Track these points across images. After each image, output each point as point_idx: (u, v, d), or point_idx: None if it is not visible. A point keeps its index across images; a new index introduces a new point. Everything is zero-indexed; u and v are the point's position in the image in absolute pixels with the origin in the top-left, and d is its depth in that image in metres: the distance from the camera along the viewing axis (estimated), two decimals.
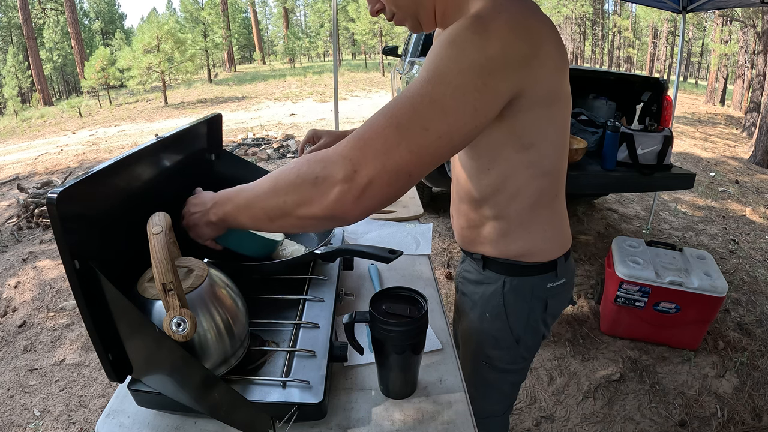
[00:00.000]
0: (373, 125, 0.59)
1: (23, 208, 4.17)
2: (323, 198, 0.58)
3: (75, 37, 20.77)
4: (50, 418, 1.92)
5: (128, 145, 7.55)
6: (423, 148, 0.58)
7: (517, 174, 0.80)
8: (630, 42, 34.96)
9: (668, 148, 2.59)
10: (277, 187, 0.62)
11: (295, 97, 12.82)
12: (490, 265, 0.93)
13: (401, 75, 4.78)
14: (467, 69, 0.59)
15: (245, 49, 46.28)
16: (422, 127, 0.58)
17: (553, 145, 0.79)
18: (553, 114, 0.74)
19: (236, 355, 0.69)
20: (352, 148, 0.58)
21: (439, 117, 0.58)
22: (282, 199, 0.61)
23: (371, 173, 0.56)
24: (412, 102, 0.59)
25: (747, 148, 7.33)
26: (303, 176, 0.59)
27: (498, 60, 0.61)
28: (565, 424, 1.87)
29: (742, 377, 2.16)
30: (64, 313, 2.69)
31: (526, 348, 0.98)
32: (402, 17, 0.78)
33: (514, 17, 0.63)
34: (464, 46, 0.60)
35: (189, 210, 0.75)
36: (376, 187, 0.57)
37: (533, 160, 0.78)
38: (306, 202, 0.59)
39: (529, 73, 0.65)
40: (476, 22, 0.61)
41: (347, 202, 0.57)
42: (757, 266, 3.32)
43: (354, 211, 0.58)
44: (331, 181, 0.57)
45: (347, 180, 0.56)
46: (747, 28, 11.83)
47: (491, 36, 0.60)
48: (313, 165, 0.59)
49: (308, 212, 0.59)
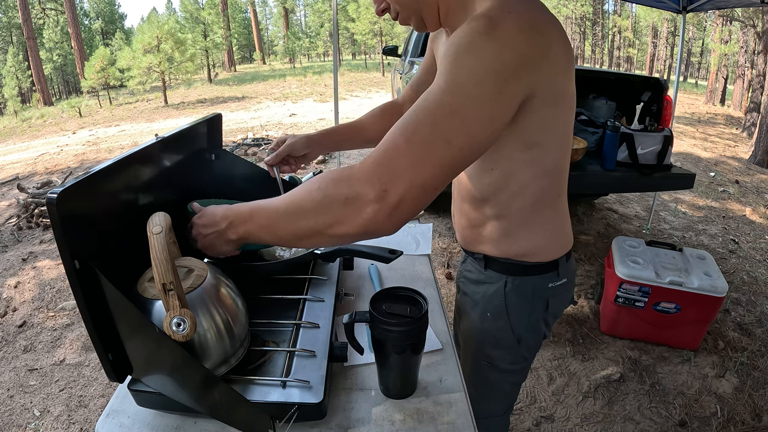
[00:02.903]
0: (396, 141, 0.59)
1: (23, 208, 4.17)
2: (356, 217, 0.59)
3: (75, 37, 20.77)
4: (50, 418, 1.92)
5: (128, 145, 7.55)
6: (447, 162, 0.59)
7: (520, 173, 0.80)
8: (630, 42, 34.97)
9: (668, 148, 2.59)
10: (304, 208, 0.62)
11: (295, 97, 12.81)
12: (492, 265, 0.93)
13: (401, 75, 4.78)
14: (483, 78, 0.60)
15: (245, 49, 46.28)
16: (445, 141, 0.59)
17: (557, 144, 0.79)
18: (558, 113, 0.74)
19: (236, 355, 0.69)
20: (378, 166, 0.58)
21: (460, 128, 0.59)
22: (312, 220, 0.61)
23: (401, 192, 0.58)
24: (433, 114, 0.59)
25: (747, 148, 7.33)
26: (331, 197, 0.60)
27: (512, 65, 0.61)
28: (565, 424, 1.87)
29: (742, 377, 2.16)
30: (64, 313, 2.69)
31: (527, 348, 0.98)
32: (406, 16, 0.78)
33: (523, 17, 0.62)
34: (479, 53, 0.60)
35: (200, 232, 0.73)
36: (407, 203, 0.58)
37: (537, 158, 0.78)
38: (338, 222, 0.60)
39: (540, 74, 0.65)
40: (488, 24, 0.61)
41: (380, 220, 0.59)
42: (757, 266, 3.32)
43: (387, 227, 0.60)
44: (362, 201, 0.58)
45: (378, 200, 0.57)
46: (747, 28, 11.83)
47: (503, 39, 0.60)
48: (340, 185, 0.60)
49: (341, 231, 0.61)
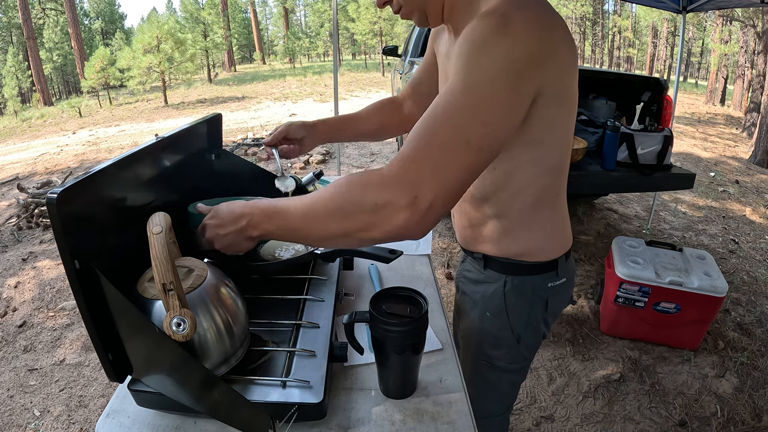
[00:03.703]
0: (419, 146, 0.60)
1: (23, 208, 4.17)
2: (386, 224, 0.59)
3: (75, 37, 20.76)
4: (50, 418, 1.92)
5: (128, 145, 7.55)
6: (468, 163, 0.60)
7: (521, 171, 0.80)
8: (630, 42, 34.97)
9: (668, 148, 2.59)
10: (333, 213, 0.62)
11: (295, 97, 12.81)
12: (491, 265, 0.93)
13: (401, 75, 4.78)
14: (498, 76, 0.60)
15: (245, 49, 46.27)
16: (465, 142, 0.59)
17: (559, 143, 0.79)
18: (562, 112, 0.75)
19: (236, 355, 0.69)
20: (406, 172, 0.59)
21: (479, 129, 0.60)
22: (341, 225, 0.62)
23: (430, 197, 0.58)
24: (451, 116, 0.60)
25: (747, 148, 7.33)
26: (360, 204, 0.60)
27: (523, 62, 0.61)
28: (565, 424, 1.87)
29: (742, 377, 2.16)
30: (64, 313, 2.69)
31: (526, 347, 0.98)
32: (409, 11, 0.78)
33: (533, 14, 0.63)
34: (493, 51, 0.60)
35: (217, 233, 0.72)
36: (436, 208, 0.59)
37: (538, 156, 0.78)
38: (367, 228, 0.60)
39: (547, 72, 0.66)
40: (500, 21, 0.61)
41: (411, 226, 0.59)
42: (757, 266, 3.32)
43: (417, 232, 0.61)
44: (393, 208, 0.59)
45: (410, 206, 0.58)
46: (747, 28, 11.83)
47: (516, 36, 0.61)
48: (370, 191, 0.60)
49: (370, 235, 0.61)
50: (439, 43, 0.95)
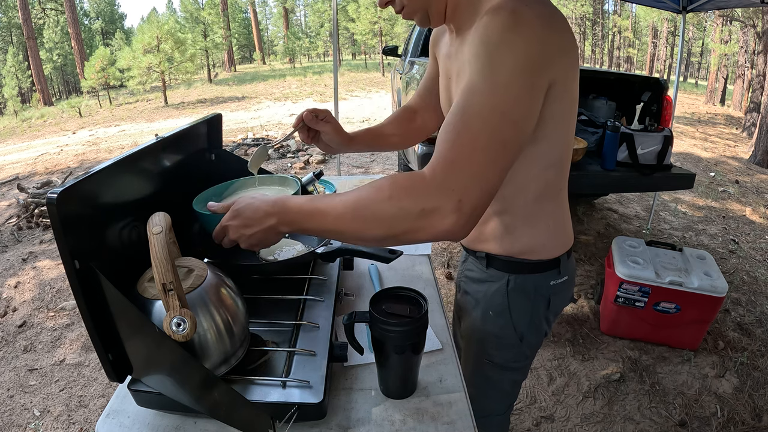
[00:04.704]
0: (461, 150, 0.60)
1: (23, 208, 4.17)
2: (433, 228, 0.60)
3: (75, 37, 20.76)
4: (50, 418, 1.92)
5: (128, 145, 7.55)
6: (506, 163, 0.62)
7: (525, 166, 0.80)
8: (630, 42, 34.97)
9: (668, 148, 2.59)
10: (377, 216, 0.62)
11: (295, 97, 12.82)
12: (494, 263, 0.93)
13: (401, 75, 4.78)
14: (521, 74, 0.62)
15: (245, 49, 46.26)
16: (501, 143, 0.61)
17: (562, 138, 0.79)
18: (566, 107, 0.75)
19: (236, 355, 0.69)
20: (450, 177, 0.60)
21: (511, 128, 0.61)
22: (384, 229, 0.62)
23: (474, 201, 0.60)
24: (486, 120, 0.61)
25: (747, 148, 7.33)
26: (406, 209, 0.60)
27: (538, 58, 0.63)
28: (565, 424, 1.87)
29: (742, 377, 2.16)
30: (64, 313, 2.69)
31: (528, 346, 0.98)
32: (411, 11, 0.78)
33: (540, 10, 0.64)
34: (511, 48, 0.61)
35: (242, 233, 0.70)
36: (479, 210, 0.61)
37: (542, 151, 0.78)
38: (414, 231, 0.61)
39: (556, 67, 0.67)
40: (509, 18, 0.62)
41: (457, 229, 0.60)
42: (757, 266, 3.32)
43: (463, 233, 0.62)
44: (440, 213, 0.59)
45: (455, 210, 0.59)
46: (747, 28, 11.83)
47: (528, 33, 0.62)
48: (415, 196, 0.60)
49: (416, 237, 0.62)
50: (440, 47, 0.95)
